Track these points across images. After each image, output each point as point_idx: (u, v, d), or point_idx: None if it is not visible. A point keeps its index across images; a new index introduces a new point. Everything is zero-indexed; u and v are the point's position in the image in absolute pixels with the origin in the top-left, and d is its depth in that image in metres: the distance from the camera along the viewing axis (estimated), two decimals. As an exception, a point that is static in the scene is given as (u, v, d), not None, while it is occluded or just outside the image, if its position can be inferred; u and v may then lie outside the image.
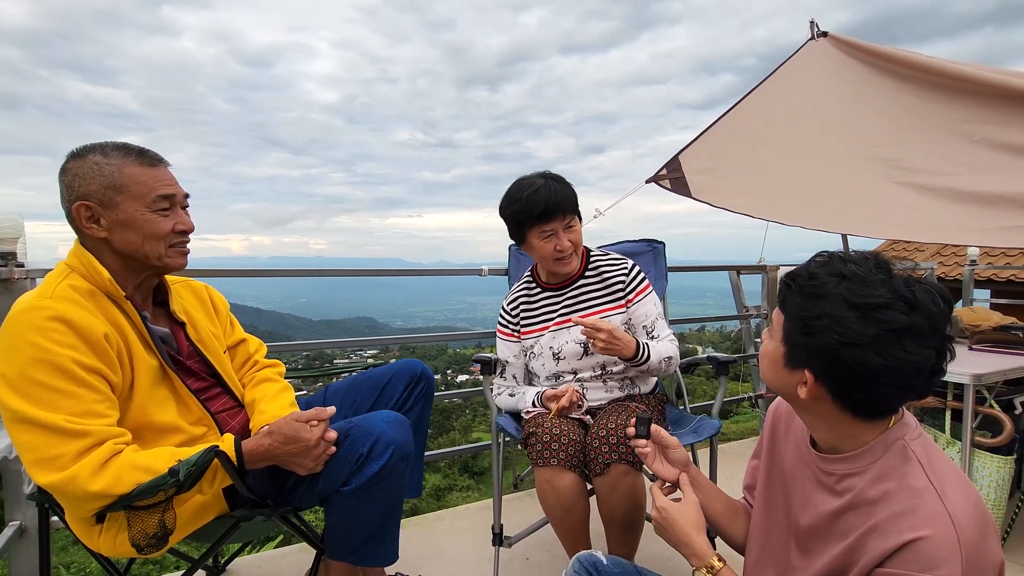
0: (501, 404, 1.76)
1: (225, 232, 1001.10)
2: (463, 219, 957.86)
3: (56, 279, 1.08)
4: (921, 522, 0.69)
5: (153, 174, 1.13)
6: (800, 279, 0.78)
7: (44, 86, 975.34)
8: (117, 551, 1.06)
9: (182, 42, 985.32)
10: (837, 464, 0.80)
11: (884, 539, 0.71)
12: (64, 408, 0.97)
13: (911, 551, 0.68)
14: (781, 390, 0.82)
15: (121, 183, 1.09)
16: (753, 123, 2.57)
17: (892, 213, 2.02)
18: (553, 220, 1.60)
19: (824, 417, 0.80)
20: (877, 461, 0.76)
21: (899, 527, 0.70)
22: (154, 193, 1.11)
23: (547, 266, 1.71)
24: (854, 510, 0.77)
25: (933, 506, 0.71)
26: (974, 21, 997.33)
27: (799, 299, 0.77)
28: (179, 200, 1.17)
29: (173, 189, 1.15)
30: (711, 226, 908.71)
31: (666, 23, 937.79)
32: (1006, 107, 1.85)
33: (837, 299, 0.73)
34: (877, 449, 0.77)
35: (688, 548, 0.90)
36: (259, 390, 1.35)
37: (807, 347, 0.75)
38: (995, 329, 2.28)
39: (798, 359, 0.77)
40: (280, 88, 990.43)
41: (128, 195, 1.09)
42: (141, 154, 1.13)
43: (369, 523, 1.19)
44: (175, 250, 1.16)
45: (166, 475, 0.94)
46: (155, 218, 1.12)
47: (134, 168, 1.10)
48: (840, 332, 0.72)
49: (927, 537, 0.68)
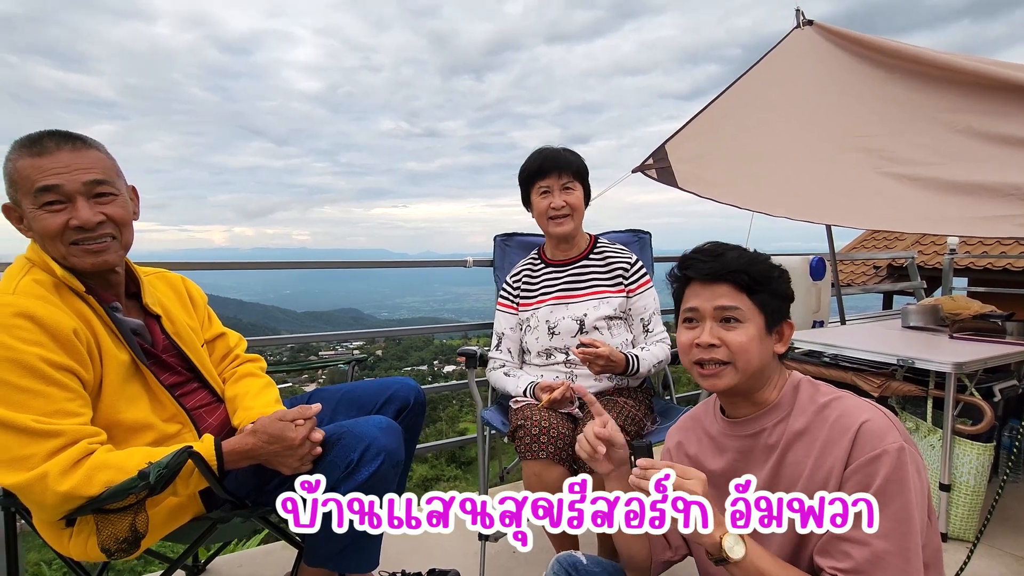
0: (494, 381, 1.75)
1: (206, 223, 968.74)
2: (448, 209, 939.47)
3: (18, 274, 1.02)
4: (854, 413, 0.83)
5: (38, 164, 1.00)
6: (742, 260, 0.91)
7: (13, 72, 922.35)
8: (88, 555, 1.02)
9: (157, 28, 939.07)
10: (766, 417, 0.91)
11: (838, 442, 0.82)
12: (33, 408, 0.92)
13: (862, 437, 0.80)
14: (760, 366, 0.90)
15: (14, 179, 1.01)
16: (739, 112, 2.56)
17: (876, 203, 2.02)
18: (549, 177, 1.71)
19: (770, 370, 0.92)
20: (796, 400, 0.90)
21: (844, 425, 0.82)
22: (34, 186, 0.99)
23: (544, 226, 1.78)
24: (794, 447, 0.88)
25: (853, 400, 0.86)
26: (952, 14, 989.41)
27: (756, 269, 0.89)
28: (73, 189, 1.01)
29: (59, 179, 1.00)
30: (695, 216, 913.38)
31: (651, 13, 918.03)
32: (989, 96, 1.85)
33: (760, 257, 0.92)
34: (789, 392, 0.91)
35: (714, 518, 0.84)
36: (241, 385, 1.31)
37: (779, 299, 0.91)
38: (975, 317, 2.31)
39: (777, 317, 0.91)
40: (260, 76, 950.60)
41: (20, 192, 1.01)
42: (35, 142, 1.01)
43: (352, 530, 1.16)
44: (79, 248, 1.04)
45: (135, 478, 0.90)
46: (41, 215, 1.01)
47: (24, 160, 1.00)
48: (782, 273, 0.92)
49: (867, 419, 0.81)
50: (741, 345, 0.88)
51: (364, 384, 1.46)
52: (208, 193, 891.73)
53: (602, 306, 1.70)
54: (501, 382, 1.71)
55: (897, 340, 2.21)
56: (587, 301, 1.71)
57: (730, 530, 0.80)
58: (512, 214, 2.91)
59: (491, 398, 1.91)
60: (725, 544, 0.79)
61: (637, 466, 0.85)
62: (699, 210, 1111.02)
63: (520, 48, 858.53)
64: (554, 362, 1.69)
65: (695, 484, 0.81)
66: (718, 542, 0.79)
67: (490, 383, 1.80)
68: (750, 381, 0.90)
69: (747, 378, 0.89)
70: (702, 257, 0.92)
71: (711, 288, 0.91)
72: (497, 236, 2.15)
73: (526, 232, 2.16)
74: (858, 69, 2.28)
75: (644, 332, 1.73)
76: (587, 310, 1.69)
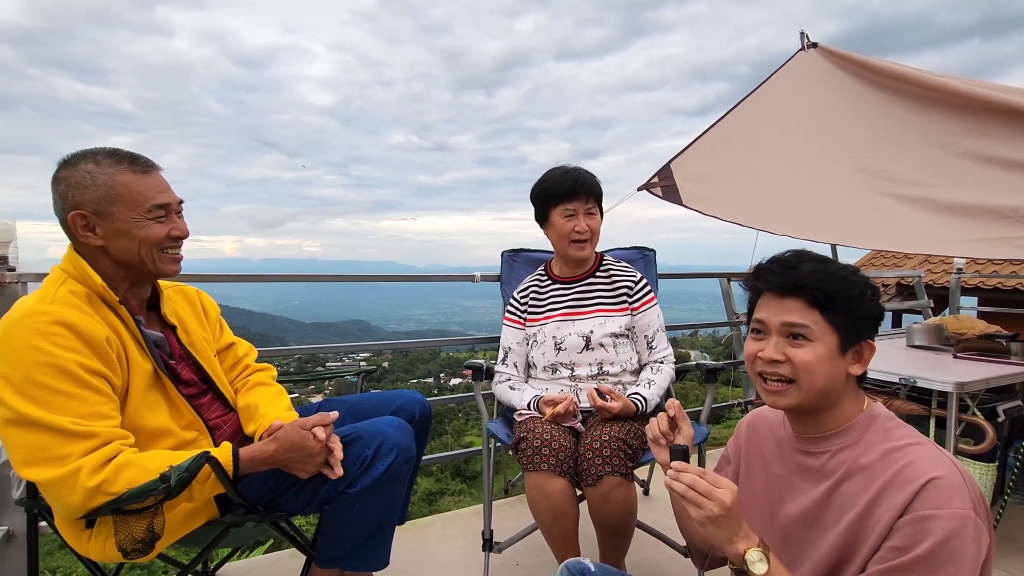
0: (499, 394, 1.78)
1: (218, 234, 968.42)
2: (457, 222, 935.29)
3: (55, 284, 1.08)
4: (930, 466, 0.76)
5: (147, 182, 1.13)
6: (817, 275, 0.85)
7: (36, 85, 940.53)
8: (107, 556, 1.06)
9: (175, 42, 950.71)
10: (830, 441, 0.87)
11: (900, 490, 0.76)
12: (70, 410, 0.97)
13: (929, 491, 0.74)
14: (826, 387, 0.85)
15: (115, 192, 1.09)
16: (744, 132, 2.61)
17: (878, 223, 2.05)
18: (576, 200, 1.71)
19: (840, 392, 0.86)
20: (867, 431, 0.85)
21: (912, 475, 0.76)
22: (149, 203, 1.12)
23: (562, 248, 1.78)
24: (850, 479, 0.83)
25: (933, 452, 0.79)
26: (961, 33, 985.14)
27: (831, 286, 0.84)
28: (174, 207, 1.17)
29: (168, 197, 1.15)
30: (702, 231, 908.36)
31: (660, 31, 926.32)
32: (989, 120, 1.89)
33: (840, 272, 0.85)
34: (864, 422, 0.86)
35: (741, 530, 0.82)
36: (253, 394, 1.35)
37: (859, 319, 0.85)
38: (979, 337, 2.31)
39: (854, 337, 0.85)
40: (274, 90, 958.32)
41: (123, 204, 1.10)
42: (133, 161, 1.12)
43: (365, 528, 1.20)
44: (168, 256, 1.17)
45: (157, 480, 0.94)
46: (151, 224, 1.13)
47: (127, 176, 1.10)
48: (871, 289, 0.86)
49: (940, 476, 0.75)
50: (807, 365, 0.83)
51: (372, 396, 1.50)
52: (220, 204, 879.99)
53: (608, 323, 1.72)
54: (506, 395, 1.74)
55: (901, 359, 2.21)
56: (593, 318, 1.74)
57: (756, 546, 0.79)
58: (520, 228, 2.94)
59: (497, 411, 1.93)
60: (748, 558, 0.78)
61: (672, 468, 0.86)
62: (708, 226, 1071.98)
63: (530, 64, 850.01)
64: (559, 377, 1.72)
65: (724, 494, 0.79)
66: (741, 554, 0.78)
67: (495, 396, 1.83)
68: (815, 401, 0.85)
69: (812, 398, 0.85)
70: (775, 268, 0.88)
71: (781, 302, 0.86)
72: (504, 252, 2.19)
73: (533, 248, 2.19)
74: (861, 91, 2.33)
75: (648, 349, 1.75)
76: (593, 327, 1.72)
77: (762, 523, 0.94)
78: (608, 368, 1.69)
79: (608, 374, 1.70)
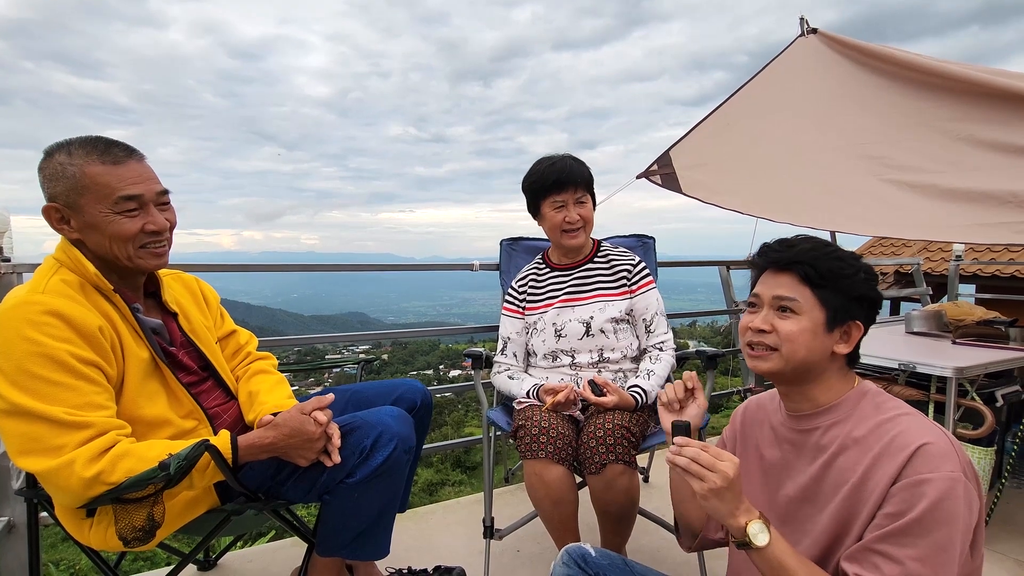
0: (499, 384, 1.78)
1: (215, 227, 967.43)
2: (456, 214, 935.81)
3: (47, 274, 1.07)
4: (919, 433, 0.80)
5: (117, 173, 1.06)
6: (812, 253, 0.89)
7: (30, 78, 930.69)
8: (108, 544, 1.06)
9: (170, 34, 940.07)
10: (821, 417, 0.91)
11: (893, 458, 0.80)
12: (64, 401, 0.97)
13: (920, 457, 0.78)
14: (807, 358, 0.89)
15: (83, 184, 1.04)
16: (743, 119, 2.59)
17: (878, 210, 2.05)
18: (564, 191, 1.70)
19: (831, 373, 0.91)
20: (858, 406, 0.89)
21: (903, 443, 0.80)
22: (116, 195, 1.06)
23: (556, 238, 1.78)
24: (845, 453, 0.86)
25: (921, 420, 0.84)
26: (961, 20, 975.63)
27: (824, 264, 0.88)
28: (149, 198, 1.10)
29: (139, 188, 1.08)
30: (701, 221, 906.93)
31: (658, 20, 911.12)
32: (990, 105, 1.88)
33: (834, 252, 0.89)
34: (854, 397, 0.90)
35: (743, 504, 0.84)
36: (254, 382, 1.35)
37: (849, 299, 0.88)
38: (978, 323, 2.32)
39: (842, 315, 0.88)
40: (271, 82, 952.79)
41: (90, 197, 1.05)
42: (105, 151, 1.06)
43: (365, 517, 1.20)
44: (146, 251, 1.11)
45: (156, 468, 0.94)
46: (120, 219, 1.07)
47: (95, 168, 1.05)
48: (867, 273, 0.89)
49: (930, 442, 0.78)
50: (790, 334, 0.88)
51: (372, 385, 1.49)
52: (218, 197, 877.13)
53: (608, 308, 1.72)
54: (506, 385, 1.74)
55: (900, 345, 2.22)
56: (593, 303, 1.74)
57: (758, 518, 0.82)
58: (519, 219, 2.95)
59: (496, 399, 1.93)
60: (750, 530, 0.80)
61: (674, 443, 0.88)
62: (707, 215, 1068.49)
63: (528, 55, 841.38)
64: (560, 364, 1.72)
65: (727, 466, 0.82)
66: (743, 527, 0.81)
67: (495, 386, 1.83)
68: (796, 371, 0.90)
69: (791, 367, 0.89)
70: (775, 246, 0.94)
71: (776, 277, 0.92)
72: (503, 240, 2.18)
73: (532, 236, 2.18)
74: (861, 77, 2.31)
75: (646, 332, 1.75)
76: (593, 312, 1.72)
77: (761, 508, 0.95)
78: (609, 355, 1.69)
79: (609, 361, 1.69)
